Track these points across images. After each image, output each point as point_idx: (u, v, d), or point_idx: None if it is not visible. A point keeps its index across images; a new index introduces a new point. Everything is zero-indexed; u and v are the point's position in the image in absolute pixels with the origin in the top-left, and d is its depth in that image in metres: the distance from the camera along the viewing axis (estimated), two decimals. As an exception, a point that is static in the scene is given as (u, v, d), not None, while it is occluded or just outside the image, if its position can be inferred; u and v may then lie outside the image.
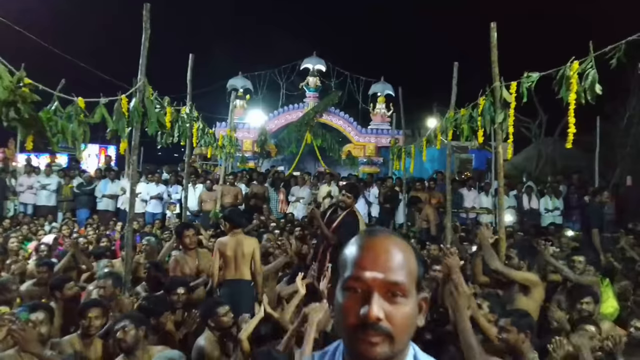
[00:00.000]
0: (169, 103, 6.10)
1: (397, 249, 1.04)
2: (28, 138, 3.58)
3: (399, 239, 1.08)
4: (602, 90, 3.75)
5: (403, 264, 1.03)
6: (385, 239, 1.06)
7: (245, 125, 15.84)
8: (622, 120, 16.12)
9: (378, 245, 1.05)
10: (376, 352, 0.98)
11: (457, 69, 7.49)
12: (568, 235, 9.78)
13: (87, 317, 3.81)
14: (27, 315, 3.66)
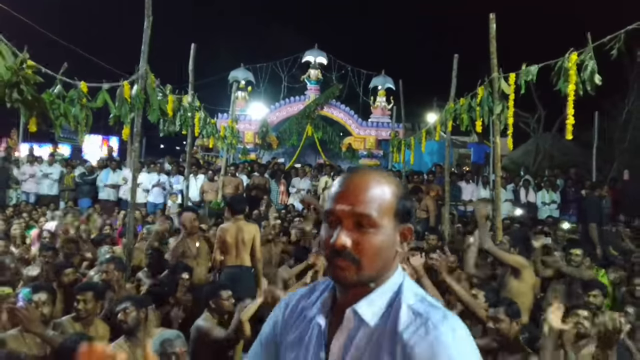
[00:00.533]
0: (171, 91, 6.16)
1: (370, 184, 1.12)
2: (31, 120, 3.64)
3: (377, 175, 1.15)
4: (601, 85, 3.81)
5: (373, 197, 1.10)
6: (360, 175, 1.15)
7: (246, 117, 15.89)
8: (620, 115, 16.17)
9: (350, 181, 1.14)
10: (344, 276, 1.09)
11: (457, 61, 7.55)
12: (564, 227, 9.87)
13: (78, 300, 3.86)
14: (30, 296, 3.71)
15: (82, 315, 3.88)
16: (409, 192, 10.53)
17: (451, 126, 7.42)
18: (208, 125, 8.25)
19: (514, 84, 4.88)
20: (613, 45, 3.40)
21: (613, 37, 3.43)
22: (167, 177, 11.81)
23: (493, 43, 5.38)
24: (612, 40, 3.44)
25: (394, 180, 1.16)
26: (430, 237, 7.56)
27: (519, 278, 4.29)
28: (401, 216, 1.13)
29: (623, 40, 3.34)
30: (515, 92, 4.92)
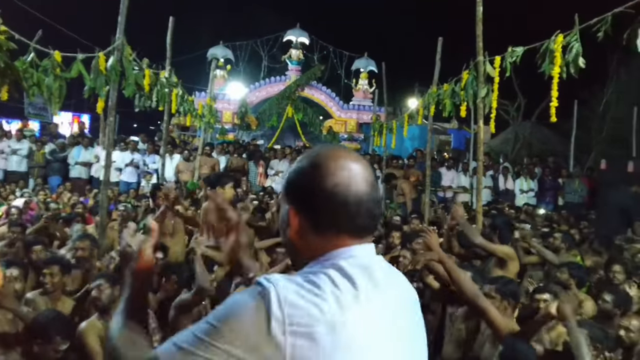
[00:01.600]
0: (147, 65, 5.96)
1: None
2: (3, 88, 3.46)
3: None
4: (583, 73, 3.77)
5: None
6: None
7: (225, 97, 15.61)
8: (599, 105, 16.38)
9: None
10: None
11: (441, 45, 7.48)
12: (540, 213, 10.00)
13: (45, 274, 3.77)
14: (4, 270, 3.59)
15: (49, 289, 3.79)
16: (384, 180, 10.61)
17: (433, 111, 7.36)
18: (185, 102, 8.05)
19: (499, 67, 4.83)
20: (600, 28, 3.34)
21: (600, 19, 3.37)
22: (141, 156, 11.60)
23: (479, 26, 5.30)
24: (599, 22, 3.38)
25: (302, 157, 1.12)
26: (414, 221, 7.60)
27: (504, 268, 4.31)
28: (290, 195, 1.10)
29: (610, 22, 3.28)
30: (500, 76, 4.87)
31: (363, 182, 1.04)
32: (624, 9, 3.21)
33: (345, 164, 1.04)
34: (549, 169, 12.31)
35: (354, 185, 1.03)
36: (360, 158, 1.09)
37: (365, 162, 1.09)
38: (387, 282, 1.07)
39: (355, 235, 1.05)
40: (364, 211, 1.04)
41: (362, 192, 1.04)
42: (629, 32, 2.95)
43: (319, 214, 1.05)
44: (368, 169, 1.08)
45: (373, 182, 1.07)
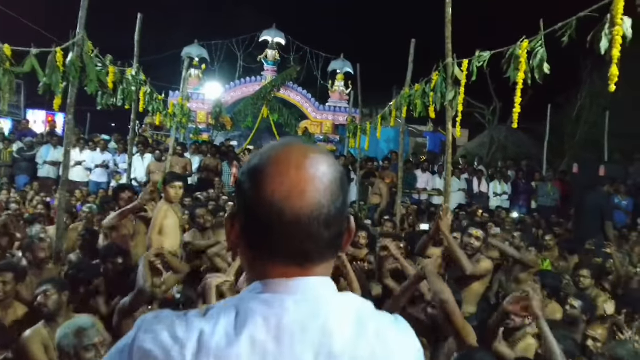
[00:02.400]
0: (111, 62, 5.79)
1: None
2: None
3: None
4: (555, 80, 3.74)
5: None
6: None
7: (200, 96, 15.38)
8: (573, 110, 16.61)
9: None
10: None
11: (414, 47, 7.44)
12: (513, 217, 10.06)
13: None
14: None
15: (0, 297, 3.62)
16: (363, 177, 10.55)
17: (406, 113, 7.30)
18: (155, 101, 7.86)
19: (466, 71, 4.78)
20: (564, 33, 3.30)
21: (565, 24, 3.33)
22: (112, 156, 11.41)
23: (449, 27, 5.24)
24: (563, 27, 3.34)
25: (254, 153, 0.94)
26: (387, 224, 7.56)
27: (481, 280, 4.30)
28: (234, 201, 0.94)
29: (575, 27, 3.24)
30: (467, 79, 4.82)
31: (312, 194, 0.82)
32: (588, 12, 3.17)
33: (289, 169, 0.83)
34: (522, 173, 12.41)
35: (296, 199, 0.82)
36: (321, 161, 0.86)
37: (326, 167, 0.86)
38: (308, 344, 0.80)
39: (293, 262, 0.84)
40: (306, 232, 0.82)
41: (307, 207, 0.82)
42: (593, 35, 2.90)
43: (250, 229, 0.86)
44: (326, 176, 0.85)
45: (330, 193, 0.84)
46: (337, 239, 0.87)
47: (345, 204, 0.88)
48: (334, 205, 0.85)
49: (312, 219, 0.82)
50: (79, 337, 2.85)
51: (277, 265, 0.85)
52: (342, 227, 0.88)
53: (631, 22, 2.65)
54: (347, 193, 0.90)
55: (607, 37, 2.71)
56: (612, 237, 7.35)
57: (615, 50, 2.68)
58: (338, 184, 0.86)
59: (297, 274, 0.84)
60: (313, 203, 0.82)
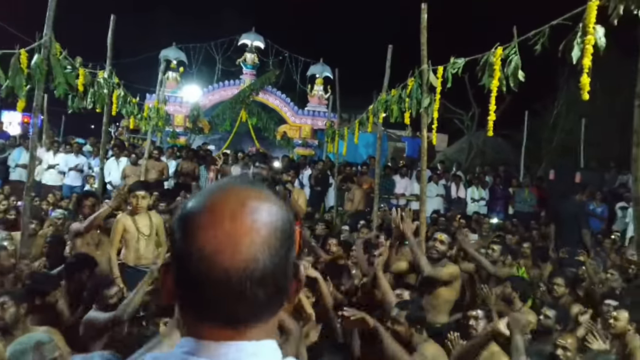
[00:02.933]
0: (81, 64, 5.64)
1: None
2: None
3: None
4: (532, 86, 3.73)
5: None
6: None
7: (177, 99, 15.16)
8: (550, 116, 16.81)
9: None
10: None
11: (390, 52, 7.41)
12: (492, 222, 10.08)
13: None
14: None
15: None
16: (340, 181, 10.49)
17: (382, 118, 7.27)
18: (128, 104, 7.69)
19: (441, 77, 4.75)
20: (537, 40, 3.28)
21: (538, 32, 3.31)
22: (87, 159, 11.18)
23: (424, 34, 5.22)
24: (537, 35, 3.32)
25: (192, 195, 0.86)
26: (363, 229, 7.53)
27: (449, 286, 4.23)
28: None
29: (548, 35, 3.22)
30: (442, 86, 4.79)
31: (246, 248, 0.74)
32: (560, 20, 3.14)
33: (223, 220, 0.74)
34: (500, 178, 12.47)
35: (228, 254, 0.73)
36: (261, 209, 0.77)
37: (267, 216, 0.77)
38: None
39: (224, 324, 0.76)
40: (237, 292, 0.74)
41: (239, 263, 0.73)
42: (565, 44, 2.87)
43: (180, 283, 0.78)
44: (266, 227, 0.76)
45: (268, 246, 0.75)
46: (276, 297, 0.79)
47: (288, 257, 0.79)
48: (273, 259, 0.76)
49: (245, 278, 0.74)
50: (39, 351, 2.73)
51: (207, 325, 0.76)
52: (283, 283, 0.80)
53: (604, 30, 2.62)
54: (292, 243, 0.81)
55: (578, 46, 2.68)
56: (590, 244, 7.39)
57: (586, 60, 2.65)
58: (279, 235, 0.77)
59: (228, 336, 0.76)
60: (247, 259, 0.74)
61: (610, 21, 2.38)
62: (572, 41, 2.73)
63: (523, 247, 7.36)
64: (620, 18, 2.37)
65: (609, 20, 2.38)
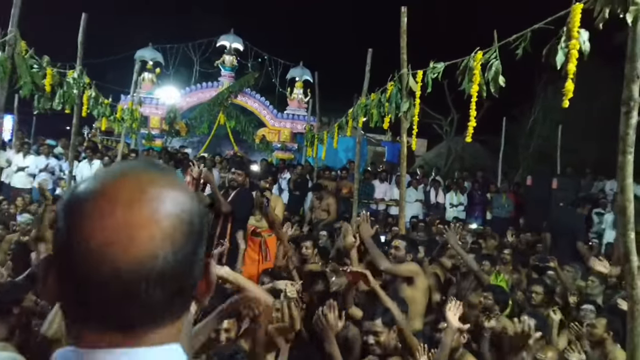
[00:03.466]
0: (48, 63, 5.42)
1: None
2: None
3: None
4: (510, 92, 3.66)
5: None
6: None
7: (153, 101, 14.87)
8: (527, 123, 16.96)
9: None
10: None
11: (370, 56, 7.33)
12: (472, 227, 10.06)
13: None
14: None
15: None
16: (312, 189, 10.35)
17: (362, 123, 7.18)
18: (100, 105, 7.45)
19: (420, 82, 4.66)
20: (519, 45, 3.19)
21: (519, 36, 3.23)
22: (58, 161, 10.86)
23: (404, 37, 5.14)
24: (518, 39, 3.23)
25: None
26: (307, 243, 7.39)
27: (412, 285, 4.13)
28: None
29: (529, 39, 3.14)
30: (422, 90, 4.70)
31: (143, 243, 0.62)
32: (543, 24, 3.06)
33: (115, 208, 0.62)
34: (478, 184, 12.49)
35: (120, 248, 0.61)
36: (163, 196, 0.65)
37: (171, 206, 0.65)
38: None
39: (113, 328, 0.64)
40: (129, 292, 0.62)
41: (133, 259, 0.62)
42: (548, 49, 2.78)
43: (63, 281, 0.65)
44: (169, 218, 0.64)
45: (171, 240, 0.64)
46: (179, 298, 0.67)
47: (195, 252, 0.67)
48: (175, 256, 0.64)
49: (140, 277, 0.62)
50: None
51: (93, 330, 0.64)
52: (187, 283, 0.67)
53: (588, 35, 2.54)
54: (201, 239, 0.69)
55: (562, 51, 2.59)
56: (586, 256, 7.38)
57: (571, 65, 2.57)
58: (185, 229, 0.65)
59: (118, 343, 0.64)
60: (143, 255, 0.62)
61: (596, 25, 2.29)
62: (556, 45, 2.64)
63: (503, 254, 7.34)
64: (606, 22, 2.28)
65: (595, 23, 2.29)
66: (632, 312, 2.15)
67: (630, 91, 2.16)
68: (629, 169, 2.18)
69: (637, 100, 2.14)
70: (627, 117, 2.17)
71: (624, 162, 2.20)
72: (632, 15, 2.03)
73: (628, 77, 2.16)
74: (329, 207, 9.24)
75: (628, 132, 2.18)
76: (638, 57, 2.11)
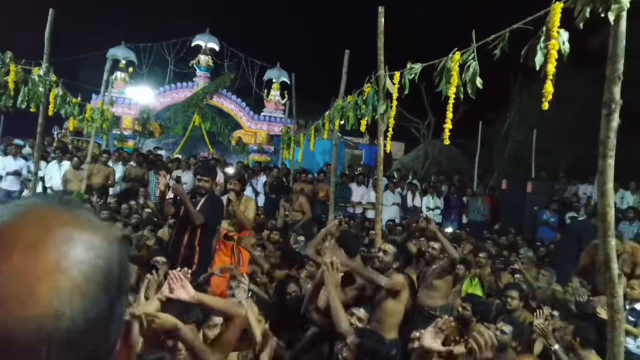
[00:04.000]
0: (12, 59, 5.18)
1: None
2: None
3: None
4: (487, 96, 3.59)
5: None
6: None
7: (126, 101, 14.52)
8: (503, 127, 17.11)
9: None
10: None
11: (347, 57, 7.23)
12: (448, 231, 10.04)
13: None
14: None
15: None
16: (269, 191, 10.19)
17: (338, 125, 7.07)
18: (68, 104, 7.19)
19: (398, 83, 4.57)
20: (497, 45, 3.12)
21: (497, 36, 3.15)
22: (26, 162, 10.50)
23: (381, 38, 5.04)
24: (496, 39, 3.16)
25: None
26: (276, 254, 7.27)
27: (396, 298, 4.00)
28: None
29: (507, 39, 3.07)
30: (400, 92, 4.61)
31: (45, 297, 0.50)
32: (521, 24, 2.99)
33: (12, 253, 0.50)
34: (454, 187, 12.52)
35: (16, 305, 0.49)
36: (73, 240, 0.53)
37: (82, 251, 0.53)
38: None
39: None
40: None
41: (31, 319, 0.49)
42: (527, 49, 2.70)
43: None
44: (79, 265, 0.52)
45: (80, 294, 0.51)
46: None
47: (113, 308, 0.55)
48: (86, 314, 0.51)
49: (39, 340, 0.48)
50: None
51: None
52: (101, 347, 0.54)
53: (568, 35, 2.47)
54: (120, 290, 0.56)
55: (542, 51, 2.52)
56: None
57: (550, 65, 2.49)
58: (101, 280, 0.53)
59: None
60: (45, 312, 0.49)
61: (576, 24, 2.21)
62: (535, 46, 2.57)
63: (479, 257, 7.31)
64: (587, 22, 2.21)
65: (575, 23, 2.22)
66: (613, 322, 2.06)
67: (612, 93, 2.08)
68: (609, 173, 2.10)
69: (618, 102, 2.06)
70: (608, 120, 2.10)
71: (605, 166, 2.12)
72: (614, 14, 1.96)
73: (609, 78, 2.09)
74: (302, 207, 9.12)
75: (609, 135, 2.10)
76: (620, 57, 2.04)
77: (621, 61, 2.05)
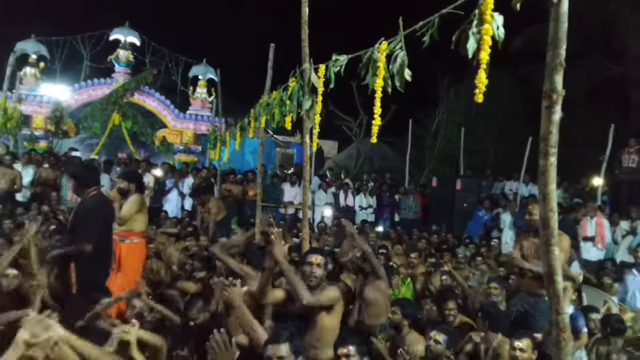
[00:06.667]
0: None
1: None
2: None
3: None
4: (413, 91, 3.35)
5: None
6: None
7: (36, 98, 13.34)
8: (432, 125, 17.38)
9: None
10: None
11: (273, 51, 6.87)
12: (379, 231, 9.93)
13: None
14: None
15: None
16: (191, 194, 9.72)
17: (265, 123, 6.68)
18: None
19: (323, 77, 4.25)
20: (425, 32, 2.85)
21: (426, 22, 2.89)
22: None
23: (305, 29, 4.68)
24: (425, 26, 2.89)
25: None
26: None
27: (330, 313, 3.61)
28: None
29: (437, 26, 2.80)
30: (326, 86, 4.29)
31: None
32: (451, 9, 2.72)
33: None
34: (386, 186, 12.50)
35: None
36: None
37: None
38: None
39: None
40: None
41: None
42: (458, 35, 2.43)
43: None
44: None
45: None
46: None
47: None
48: None
49: None
50: None
51: None
52: None
53: (502, 19, 2.22)
54: None
55: (474, 37, 2.26)
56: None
57: (483, 53, 2.24)
58: None
59: None
60: None
61: (513, 5, 1.96)
62: (467, 31, 2.30)
63: (410, 257, 7.16)
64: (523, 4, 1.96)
65: (512, 4, 1.96)
66: (558, 342, 1.81)
67: (553, 82, 1.83)
68: (552, 173, 1.85)
69: (561, 92, 1.81)
70: (549, 113, 1.84)
71: (546, 165, 1.87)
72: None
73: (550, 65, 1.83)
74: (210, 209, 8.71)
75: (551, 130, 1.84)
76: (562, 41, 1.79)
77: (563, 46, 1.80)
